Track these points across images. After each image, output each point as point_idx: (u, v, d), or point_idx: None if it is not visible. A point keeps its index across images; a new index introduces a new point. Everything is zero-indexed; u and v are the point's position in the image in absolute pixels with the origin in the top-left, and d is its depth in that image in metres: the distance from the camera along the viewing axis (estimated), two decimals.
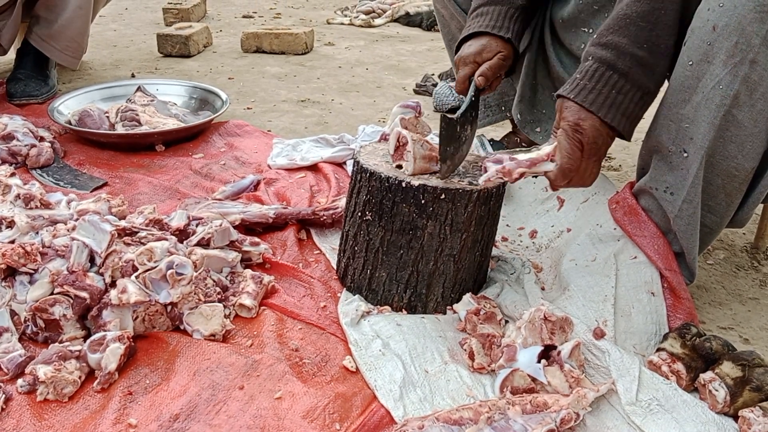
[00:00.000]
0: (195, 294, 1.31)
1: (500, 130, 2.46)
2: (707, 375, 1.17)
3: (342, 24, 4.23)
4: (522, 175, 1.24)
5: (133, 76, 2.99)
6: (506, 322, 1.35)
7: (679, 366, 1.19)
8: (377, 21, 4.24)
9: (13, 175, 1.69)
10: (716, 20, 1.14)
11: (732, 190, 1.26)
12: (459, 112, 1.35)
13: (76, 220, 1.47)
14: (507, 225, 1.70)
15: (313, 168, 2.01)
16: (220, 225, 1.47)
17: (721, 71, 1.15)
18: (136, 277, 1.28)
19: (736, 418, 1.13)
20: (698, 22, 1.18)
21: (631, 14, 1.20)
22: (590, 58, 1.24)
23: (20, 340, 1.26)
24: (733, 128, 1.18)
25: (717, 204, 1.28)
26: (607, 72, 1.21)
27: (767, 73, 1.13)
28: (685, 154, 1.25)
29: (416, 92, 2.89)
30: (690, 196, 1.26)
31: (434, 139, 1.39)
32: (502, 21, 1.47)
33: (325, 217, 1.65)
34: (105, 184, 1.92)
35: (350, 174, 1.63)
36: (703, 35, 1.16)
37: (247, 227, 1.62)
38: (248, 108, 2.65)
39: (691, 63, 1.19)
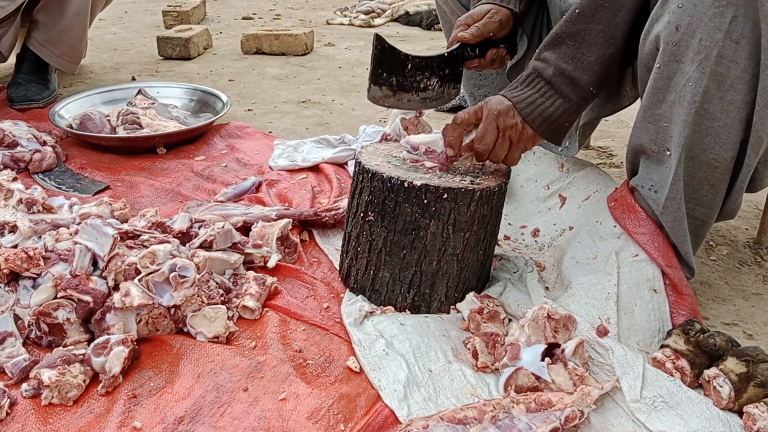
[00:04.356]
0: (198, 296, 1.31)
1: None
2: (711, 371, 1.16)
3: (342, 24, 4.23)
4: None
5: (133, 79, 2.99)
6: (510, 320, 1.35)
7: (683, 362, 1.19)
8: (377, 21, 4.24)
9: (15, 179, 1.69)
10: (678, 21, 1.18)
11: (715, 181, 1.28)
12: (420, 54, 1.35)
13: (79, 224, 1.47)
14: (509, 224, 1.70)
15: (315, 169, 2.01)
16: (222, 227, 1.47)
17: (690, 68, 1.19)
18: (139, 280, 1.28)
19: (740, 414, 1.13)
20: (660, 26, 1.22)
21: (562, 34, 1.33)
22: (529, 67, 1.36)
23: (24, 344, 1.26)
24: (707, 121, 1.22)
25: (703, 196, 1.31)
26: (537, 79, 1.34)
27: (733, 64, 1.16)
28: (668, 152, 1.28)
29: None
30: (672, 193, 1.29)
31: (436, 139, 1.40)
32: None
33: (327, 218, 1.65)
34: (107, 188, 1.92)
35: (352, 174, 1.63)
36: (668, 37, 1.20)
37: (249, 229, 1.62)
38: (249, 110, 2.65)
39: (659, 66, 1.23)
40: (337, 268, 1.53)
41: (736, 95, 1.18)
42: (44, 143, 2.05)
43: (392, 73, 1.31)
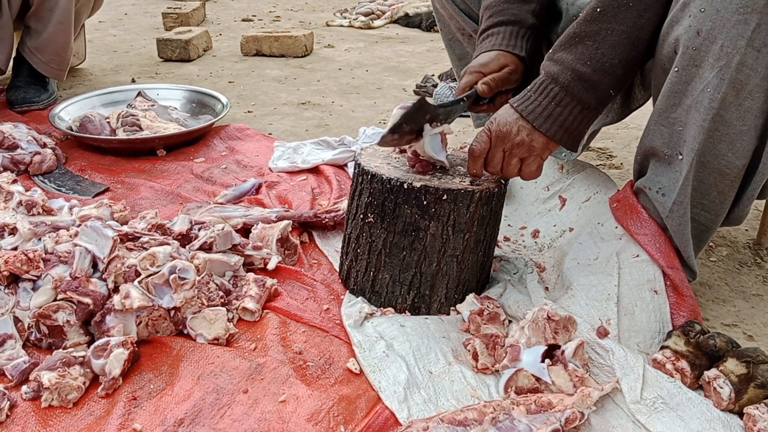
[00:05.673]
0: (198, 298, 1.31)
1: None
2: (712, 372, 1.16)
3: (341, 26, 4.24)
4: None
5: (133, 81, 2.99)
6: (510, 322, 1.35)
7: (683, 364, 1.19)
8: (376, 22, 4.25)
9: (15, 182, 1.69)
10: (699, 25, 1.16)
11: (724, 188, 1.27)
12: (439, 103, 1.33)
13: (79, 226, 1.47)
14: (509, 225, 1.70)
15: (315, 170, 2.01)
16: (222, 229, 1.47)
17: (709, 74, 1.17)
18: (139, 282, 1.28)
19: (741, 415, 1.13)
20: (680, 30, 1.20)
21: (580, 33, 1.27)
22: (542, 71, 1.31)
23: (24, 346, 1.26)
24: (722, 128, 1.20)
25: (710, 202, 1.30)
26: (551, 85, 1.28)
27: (753, 72, 1.15)
28: (681, 157, 1.27)
29: (416, 93, 2.89)
30: (680, 197, 1.28)
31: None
32: (514, 40, 1.47)
33: (327, 220, 1.65)
34: (107, 190, 1.92)
35: (351, 176, 1.63)
36: (688, 41, 1.18)
37: (249, 231, 1.62)
38: (249, 111, 2.65)
39: (676, 69, 1.22)
40: (337, 269, 1.52)
41: (753, 103, 1.17)
42: (44, 145, 2.05)
43: (410, 125, 1.30)
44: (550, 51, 1.32)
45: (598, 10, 1.25)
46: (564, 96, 1.27)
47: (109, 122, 2.21)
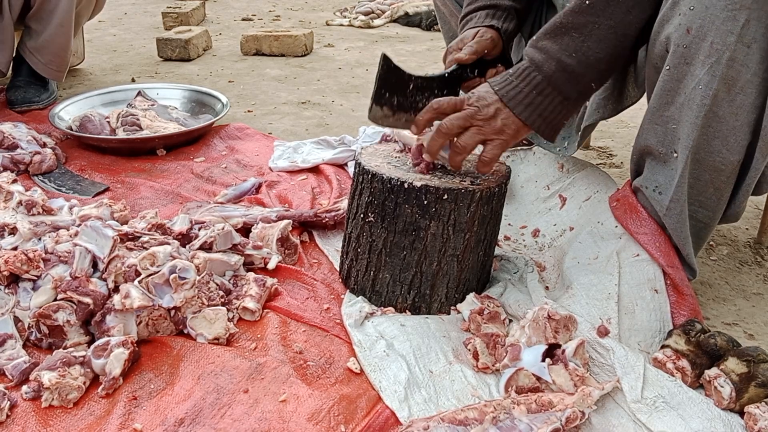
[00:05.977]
0: (198, 298, 1.31)
1: None
2: (712, 371, 1.16)
3: (341, 25, 4.24)
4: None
5: (133, 80, 2.99)
6: (510, 321, 1.35)
7: (683, 363, 1.19)
8: (376, 22, 4.25)
9: (15, 181, 1.69)
10: (689, 23, 1.16)
11: (720, 184, 1.28)
12: (424, 74, 1.34)
13: (79, 225, 1.47)
14: (509, 224, 1.70)
15: (315, 170, 2.01)
16: (222, 228, 1.47)
17: (700, 71, 1.17)
18: (139, 282, 1.28)
19: (742, 414, 1.13)
20: (670, 28, 1.20)
21: (567, 24, 1.25)
22: (525, 57, 1.29)
23: (24, 346, 1.26)
24: (716, 124, 1.21)
25: (707, 199, 1.30)
26: (534, 72, 1.26)
27: (744, 68, 1.15)
28: (675, 155, 1.27)
29: None
30: (677, 195, 1.29)
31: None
32: (489, 19, 1.48)
33: (327, 219, 1.65)
34: (107, 189, 1.92)
35: (352, 175, 1.63)
36: (679, 39, 1.18)
37: (249, 230, 1.62)
38: (249, 111, 2.65)
39: (668, 68, 1.22)
40: (338, 269, 1.52)
41: (745, 99, 1.17)
42: (44, 145, 2.05)
43: (394, 94, 1.30)
44: (534, 38, 1.29)
45: (587, 2, 1.24)
46: (546, 86, 1.26)
47: (109, 122, 2.21)
